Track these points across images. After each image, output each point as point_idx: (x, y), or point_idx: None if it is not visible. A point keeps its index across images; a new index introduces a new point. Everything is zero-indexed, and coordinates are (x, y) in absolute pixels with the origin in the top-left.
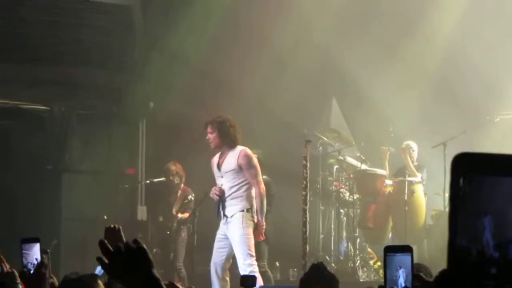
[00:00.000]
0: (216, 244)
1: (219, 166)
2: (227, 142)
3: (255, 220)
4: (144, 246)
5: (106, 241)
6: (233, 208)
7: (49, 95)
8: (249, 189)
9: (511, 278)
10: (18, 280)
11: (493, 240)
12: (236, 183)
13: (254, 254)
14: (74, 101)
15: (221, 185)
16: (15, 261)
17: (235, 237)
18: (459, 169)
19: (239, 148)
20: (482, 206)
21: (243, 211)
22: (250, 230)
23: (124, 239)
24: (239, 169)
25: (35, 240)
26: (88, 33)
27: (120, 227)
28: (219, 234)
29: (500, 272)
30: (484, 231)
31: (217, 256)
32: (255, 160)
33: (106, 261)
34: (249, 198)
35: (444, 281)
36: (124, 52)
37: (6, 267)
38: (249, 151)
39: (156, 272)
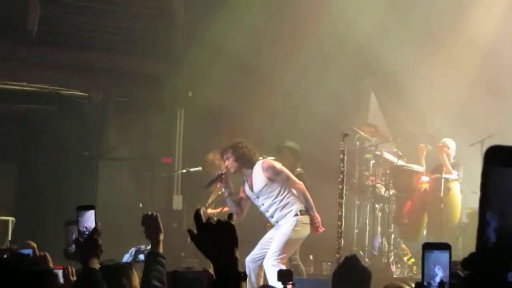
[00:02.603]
0: (261, 241)
1: (251, 188)
2: (245, 163)
3: (312, 218)
4: (234, 223)
5: (201, 209)
6: (286, 218)
7: (88, 82)
8: (290, 192)
9: None
10: (51, 263)
11: None
12: (275, 195)
13: (283, 258)
14: (113, 88)
15: (262, 204)
16: (55, 243)
17: (279, 234)
18: (491, 161)
19: (259, 163)
20: (507, 198)
21: (297, 215)
22: (299, 236)
23: (162, 227)
24: (270, 181)
25: (90, 207)
26: (129, 21)
27: (158, 215)
28: (268, 235)
29: None
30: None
31: (256, 251)
32: (279, 165)
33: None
34: (296, 200)
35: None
36: (164, 41)
37: (37, 252)
38: (268, 161)
39: (237, 252)
